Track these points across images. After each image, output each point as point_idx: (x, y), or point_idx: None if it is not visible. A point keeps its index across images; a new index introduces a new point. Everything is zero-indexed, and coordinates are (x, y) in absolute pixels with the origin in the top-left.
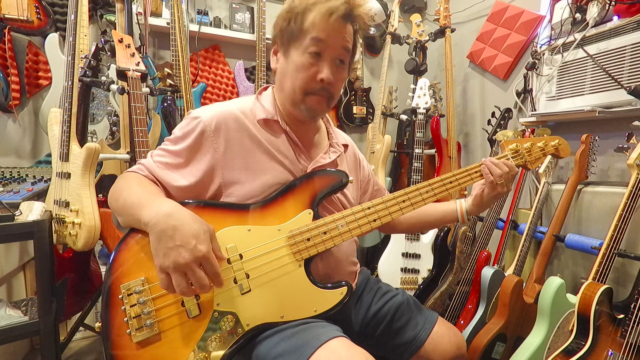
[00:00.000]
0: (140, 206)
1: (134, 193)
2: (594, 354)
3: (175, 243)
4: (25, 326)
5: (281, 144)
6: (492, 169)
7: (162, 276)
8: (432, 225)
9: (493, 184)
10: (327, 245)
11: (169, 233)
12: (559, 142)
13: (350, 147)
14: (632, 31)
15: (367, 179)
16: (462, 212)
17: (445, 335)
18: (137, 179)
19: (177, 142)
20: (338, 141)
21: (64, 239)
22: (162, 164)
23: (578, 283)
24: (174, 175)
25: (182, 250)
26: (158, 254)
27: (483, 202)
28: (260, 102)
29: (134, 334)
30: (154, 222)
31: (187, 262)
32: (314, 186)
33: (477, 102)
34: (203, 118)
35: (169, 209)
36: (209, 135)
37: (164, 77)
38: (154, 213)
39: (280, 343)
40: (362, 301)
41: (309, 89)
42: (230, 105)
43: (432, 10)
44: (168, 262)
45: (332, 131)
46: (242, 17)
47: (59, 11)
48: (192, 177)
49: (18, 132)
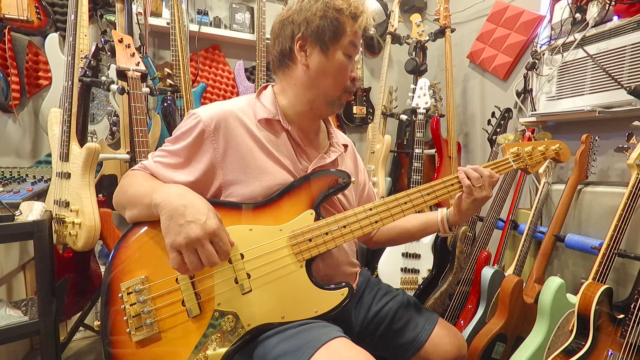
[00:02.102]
0: (151, 192)
1: (142, 185)
2: (594, 354)
3: (187, 219)
4: (25, 326)
5: (282, 143)
6: (468, 172)
7: (173, 255)
8: (413, 236)
9: (470, 188)
10: (328, 246)
11: (181, 210)
12: (560, 146)
13: (350, 147)
14: (632, 31)
15: (363, 180)
16: (443, 221)
17: (445, 336)
18: (143, 175)
19: (176, 142)
20: (338, 141)
21: (64, 239)
22: (162, 164)
23: (578, 283)
24: (174, 174)
25: (194, 226)
26: (170, 232)
27: (462, 210)
28: (261, 102)
29: (133, 333)
30: (166, 202)
31: (198, 237)
32: (316, 186)
33: (477, 102)
34: (202, 117)
35: (179, 190)
36: (209, 135)
37: (164, 77)
38: (165, 194)
39: (281, 343)
40: (363, 302)
41: (347, 87)
42: (230, 104)
43: (432, 10)
44: (180, 239)
45: (332, 131)
46: (242, 17)
47: (59, 11)
48: (191, 177)
49: (18, 132)
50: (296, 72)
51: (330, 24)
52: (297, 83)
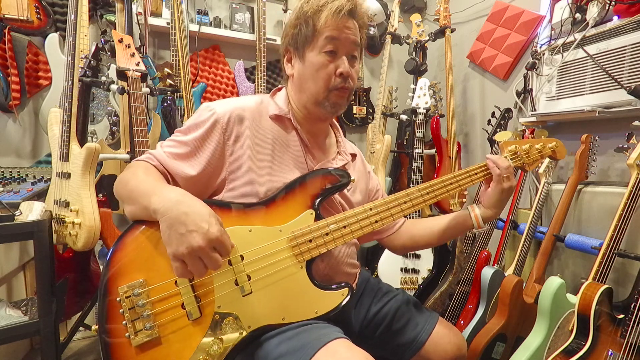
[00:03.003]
0: (148, 194)
1: (141, 181)
2: (594, 354)
3: (188, 228)
4: (25, 326)
5: (291, 141)
6: (497, 162)
7: (176, 264)
8: (441, 237)
9: (500, 177)
10: (329, 247)
11: (182, 219)
12: (556, 144)
13: (359, 157)
14: (632, 31)
15: (375, 189)
16: (477, 217)
17: (445, 335)
18: (144, 168)
19: (188, 133)
20: (346, 150)
21: (64, 239)
22: (172, 155)
23: (578, 283)
24: (183, 165)
25: (196, 235)
26: (171, 242)
27: (492, 201)
28: (274, 101)
29: (132, 337)
30: (164, 210)
31: (201, 246)
32: (315, 185)
33: (477, 102)
34: (217, 110)
35: (178, 196)
36: (221, 128)
37: (164, 77)
38: (164, 200)
39: (282, 344)
40: (362, 302)
41: (332, 85)
42: (244, 101)
43: (432, 10)
44: (183, 249)
45: (340, 140)
46: (242, 17)
47: (59, 11)
48: (199, 167)
49: (18, 132)
50: (291, 81)
51: (300, 30)
52: (293, 91)
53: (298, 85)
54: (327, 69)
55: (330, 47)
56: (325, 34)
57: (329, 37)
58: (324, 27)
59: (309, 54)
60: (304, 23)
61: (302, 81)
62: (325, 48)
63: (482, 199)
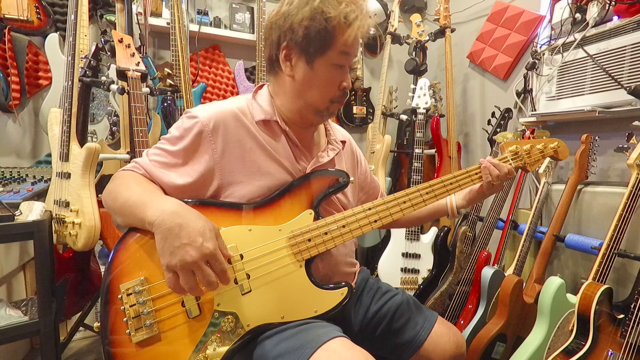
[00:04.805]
0: (143, 205)
1: (134, 193)
2: (594, 354)
3: (182, 241)
4: (25, 326)
5: (280, 145)
6: (491, 171)
7: (169, 275)
8: (422, 219)
9: (490, 184)
10: (327, 246)
11: (176, 231)
12: (558, 144)
13: (348, 143)
14: (632, 31)
15: (364, 175)
16: (452, 206)
17: (444, 334)
18: (134, 178)
19: (174, 143)
20: (336, 138)
21: (64, 239)
22: (159, 163)
23: (578, 283)
24: (170, 174)
25: (190, 249)
26: (164, 253)
27: (475, 198)
28: (258, 102)
29: (133, 334)
30: (159, 221)
31: (194, 260)
32: (315, 186)
33: (477, 102)
34: (201, 118)
35: (174, 207)
36: (207, 136)
37: (164, 77)
38: (159, 212)
39: (281, 343)
40: (362, 301)
41: (335, 98)
42: (227, 104)
43: (432, 10)
44: (175, 261)
45: (329, 127)
46: (242, 17)
47: (59, 11)
48: (189, 177)
49: (18, 132)
50: (284, 80)
51: (317, 35)
52: (286, 91)
53: (299, 90)
54: (335, 82)
55: (343, 61)
56: (343, 49)
57: (345, 52)
58: (344, 42)
59: (318, 61)
60: (322, 28)
61: (306, 88)
62: (339, 61)
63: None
